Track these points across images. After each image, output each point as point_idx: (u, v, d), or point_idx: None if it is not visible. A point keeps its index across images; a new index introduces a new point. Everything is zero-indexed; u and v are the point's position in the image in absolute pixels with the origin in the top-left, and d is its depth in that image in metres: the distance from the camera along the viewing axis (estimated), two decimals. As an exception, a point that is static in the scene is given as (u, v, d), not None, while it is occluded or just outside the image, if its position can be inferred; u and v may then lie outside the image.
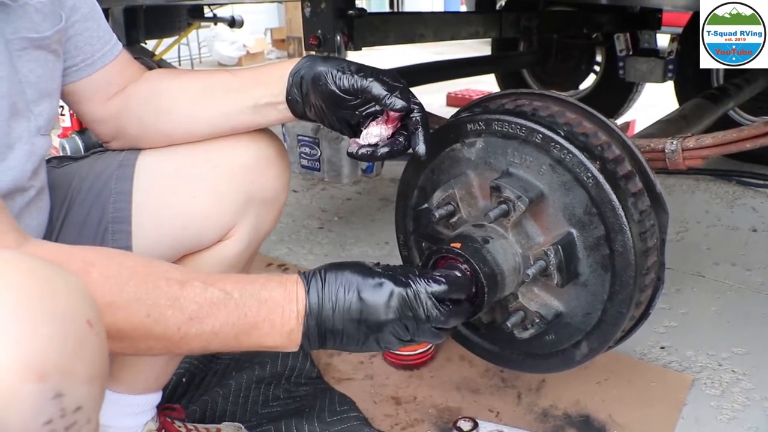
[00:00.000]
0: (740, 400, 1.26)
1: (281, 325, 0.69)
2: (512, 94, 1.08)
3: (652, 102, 3.72)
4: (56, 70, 0.82)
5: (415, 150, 0.85)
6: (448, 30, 2.14)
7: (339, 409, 1.21)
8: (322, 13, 1.49)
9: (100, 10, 0.90)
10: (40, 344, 0.44)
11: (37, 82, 0.78)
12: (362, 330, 0.71)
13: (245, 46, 7.31)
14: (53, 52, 0.80)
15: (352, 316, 0.71)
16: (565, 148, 0.92)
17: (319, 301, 0.70)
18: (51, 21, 0.79)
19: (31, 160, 0.78)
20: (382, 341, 0.73)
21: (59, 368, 0.45)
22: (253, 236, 0.98)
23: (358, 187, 2.62)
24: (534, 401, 1.26)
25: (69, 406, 0.45)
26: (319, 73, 0.84)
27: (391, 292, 0.72)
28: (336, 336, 0.72)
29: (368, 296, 0.71)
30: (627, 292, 0.93)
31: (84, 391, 0.47)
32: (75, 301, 0.49)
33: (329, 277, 0.72)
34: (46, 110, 0.80)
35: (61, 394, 0.45)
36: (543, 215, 0.96)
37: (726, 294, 1.69)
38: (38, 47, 0.77)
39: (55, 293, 0.47)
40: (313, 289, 0.71)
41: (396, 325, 0.72)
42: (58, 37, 0.81)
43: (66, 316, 0.47)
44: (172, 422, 1.08)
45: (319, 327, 0.71)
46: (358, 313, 0.71)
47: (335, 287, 0.71)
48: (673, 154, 1.09)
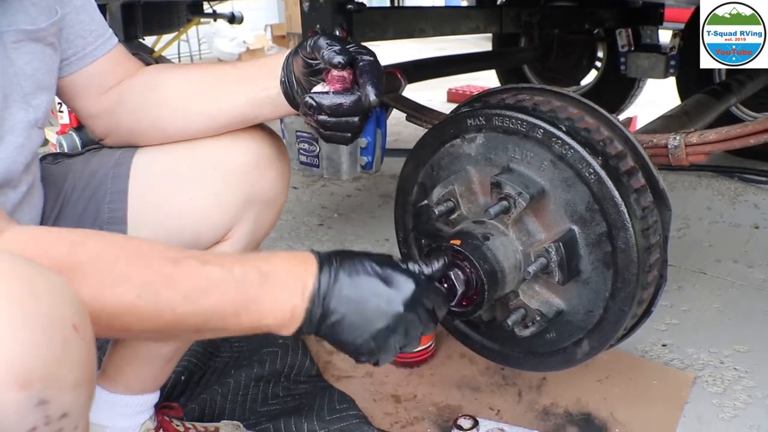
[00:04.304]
0: (742, 398, 1.25)
1: (284, 301, 0.65)
2: (513, 89, 1.07)
3: (654, 98, 3.71)
4: (54, 63, 0.81)
5: (364, 99, 0.79)
6: (448, 25, 2.13)
7: (338, 407, 1.21)
8: (321, 8, 1.48)
9: (94, 4, 0.88)
10: (22, 351, 0.43)
11: (34, 75, 0.77)
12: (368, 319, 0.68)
13: (245, 43, 7.29)
14: (50, 45, 0.79)
15: (363, 301, 0.67)
16: (566, 143, 0.91)
17: (330, 280, 0.66)
18: (47, 14, 0.78)
19: (24, 153, 0.77)
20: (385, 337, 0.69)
21: (43, 375, 0.43)
22: (252, 237, 0.97)
23: (358, 183, 2.62)
24: (535, 399, 1.25)
25: (54, 413, 0.44)
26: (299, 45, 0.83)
27: (407, 283, 0.69)
28: (339, 322, 0.67)
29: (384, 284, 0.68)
30: (629, 289, 0.92)
31: (70, 398, 0.46)
32: (60, 305, 0.47)
33: (344, 259, 0.69)
34: (44, 103, 0.79)
35: (46, 402, 0.43)
36: (544, 212, 0.95)
37: (728, 291, 1.68)
38: (34, 40, 0.76)
39: (38, 296, 0.46)
40: (325, 268, 0.67)
41: (409, 318, 0.69)
42: (54, 30, 0.80)
43: (50, 321, 0.45)
44: (170, 421, 1.08)
45: (325, 308, 0.66)
46: (373, 296, 0.68)
47: (348, 269, 0.68)
48: (676, 150, 1.08)
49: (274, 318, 0.65)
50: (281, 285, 0.65)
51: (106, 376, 1.01)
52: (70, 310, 0.48)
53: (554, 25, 2.92)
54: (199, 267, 0.62)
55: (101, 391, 1.00)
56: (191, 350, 1.37)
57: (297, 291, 0.66)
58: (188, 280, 0.61)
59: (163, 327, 0.61)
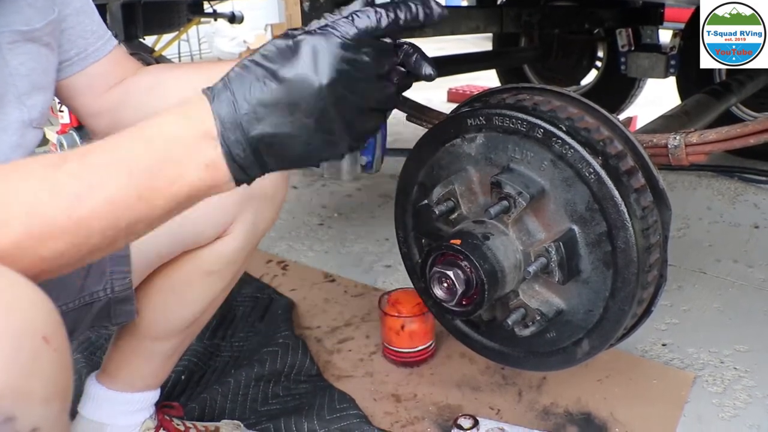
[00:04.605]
0: (742, 398, 1.25)
1: (191, 157, 0.53)
2: (513, 89, 1.07)
3: (654, 98, 3.71)
4: (50, 63, 0.81)
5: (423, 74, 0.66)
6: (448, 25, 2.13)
7: (339, 406, 1.21)
8: (321, 8, 1.48)
9: (93, 6, 0.89)
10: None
11: (29, 75, 0.77)
12: (300, 118, 0.53)
13: (246, 42, 7.30)
14: (46, 45, 0.79)
15: (279, 106, 0.53)
16: (566, 143, 0.91)
17: (234, 108, 0.53)
18: (43, 14, 0.78)
19: (18, 153, 0.77)
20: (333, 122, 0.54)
21: (10, 390, 0.42)
22: (252, 233, 0.97)
23: (358, 183, 2.62)
24: (535, 399, 1.25)
25: (23, 428, 0.43)
26: None
27: (313, 48, 0.53)
28: (273, 145, 0.54)
29: (286, 70, 0.53)
30: (629, 289, 0.93)
31: (40, 412, 0.44)
32: (29, 316, 0.45)
33: (234, 76, 0.54)
34: (39, 103, 0.79)
35: (13, 417, 0.42)
36: (544, 211, 0.95)
37: (728, 291, 1.68)
38: (29, 40, 0.76)
39: (5, 308, 0.44)
40: (220, 98, 0.54)
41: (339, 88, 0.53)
42: (50, 30, 0.80)
43: (18, 333, 0.43)
44: (170, 420, 1.08)
45: (246, 141, 0.53)
46: (285, 96, 0.53)
47: (247, 84, 0.53)
48: (676, 150, 1.08)
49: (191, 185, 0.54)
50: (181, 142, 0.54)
51: (105, 373, 1.01)
52: (41, 321, 0.46)
53: (554, 24, 2.91)
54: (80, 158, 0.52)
55: (101, 388, 1.01)
56: (191, 350, 1.37)
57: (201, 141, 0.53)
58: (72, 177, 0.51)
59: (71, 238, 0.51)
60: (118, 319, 0.90)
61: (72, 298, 0.83)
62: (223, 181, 0.55)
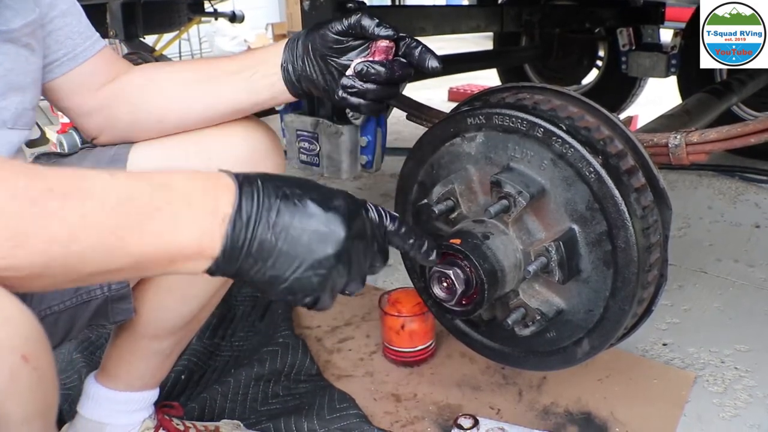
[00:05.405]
0: (743, 398, 1.25)
1: (191, 219, 0.51)
2: (513, 88, 1.07)
3: (655, 97, 3.70)
4: (30, 64, 0.81)
5: (426, 66, 0.82)
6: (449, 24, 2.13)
7: (339, 406, 1.21)
8: (321, 7, 1.48)
9: (80, 8, 0.90)
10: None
11: (6, 75, 0.77)
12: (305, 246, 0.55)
13: (246, 42, 7.30)
14: (25, 46, 0.79)
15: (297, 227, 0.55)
16: (566, 142, 0.91)
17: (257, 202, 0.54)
18: (22, 15, 0.78)
19: None
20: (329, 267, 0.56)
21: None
22: None
23: (358, 182, 2.61)
24: (535, 398, 1.25)
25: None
26: (316, 28, 0.86)
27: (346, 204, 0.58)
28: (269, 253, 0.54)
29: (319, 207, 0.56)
30: (629, 288, 0.92)
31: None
32: (6, 333, 0.43)
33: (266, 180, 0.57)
34: (13, 104, 0.78)
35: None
36: (544, 211, 0.95)
37: (729, 290, 1.68)
38: (8, 41, 0.76)
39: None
40: (247, 187, 0.55)
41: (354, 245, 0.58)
42: (30, 31, 0.79)
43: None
44: (170, 420, 1.08)
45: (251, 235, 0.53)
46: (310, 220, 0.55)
47: (275, 191, 0.55)
48: (677, 149, 1.08)
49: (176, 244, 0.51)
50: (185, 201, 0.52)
51: (104, 373, 1.01)
52: (20, 339, 0.44)
53: (555, 24, 2.91)
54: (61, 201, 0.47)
55: (100, 388, 1.01)
56: (191, 349, 1.37)
57: (208, 210, 0.53)
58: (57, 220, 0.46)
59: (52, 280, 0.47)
60: (116, 317, 0.89)
61: (69, 296, 0.83)
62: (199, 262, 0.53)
